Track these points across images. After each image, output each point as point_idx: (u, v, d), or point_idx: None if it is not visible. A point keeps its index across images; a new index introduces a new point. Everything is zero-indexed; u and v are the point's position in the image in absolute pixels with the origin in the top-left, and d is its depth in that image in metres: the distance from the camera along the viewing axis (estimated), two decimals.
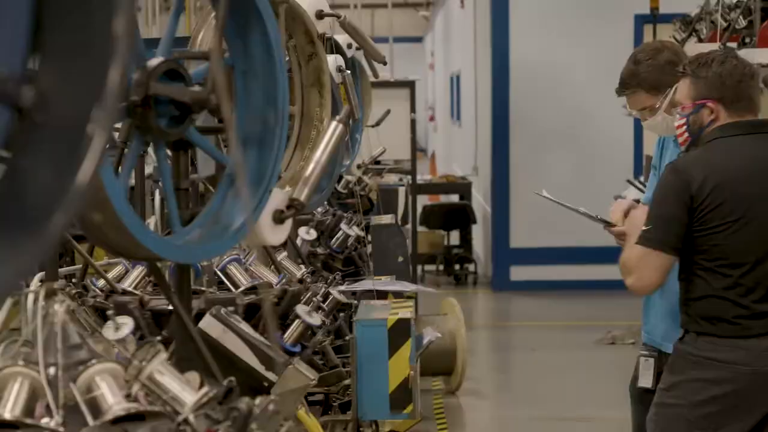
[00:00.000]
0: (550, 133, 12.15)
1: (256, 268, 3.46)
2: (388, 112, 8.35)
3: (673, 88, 4.07)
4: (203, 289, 3.25)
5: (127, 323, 2.79)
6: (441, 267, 13.21)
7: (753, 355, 3.61)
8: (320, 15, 3.73)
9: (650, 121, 4.28)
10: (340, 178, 7.30)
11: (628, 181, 8.90)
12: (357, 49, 6.92)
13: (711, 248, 3.66)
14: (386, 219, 5.65)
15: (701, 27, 9.22)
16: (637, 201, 4.41)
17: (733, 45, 8.17)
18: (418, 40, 29.38)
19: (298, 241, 5.36)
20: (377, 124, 8.10)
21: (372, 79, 7.13)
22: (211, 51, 2.24)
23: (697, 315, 3.70)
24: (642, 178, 10.31)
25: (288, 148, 3.68)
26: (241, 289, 3.32)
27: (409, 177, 9.55)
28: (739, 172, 3.67)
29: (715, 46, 8.35)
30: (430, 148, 25.35)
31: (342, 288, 4.16)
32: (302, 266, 4.48)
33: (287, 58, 3.76)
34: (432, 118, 26.35)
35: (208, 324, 2.95)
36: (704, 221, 3.65)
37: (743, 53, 7.63)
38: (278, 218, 2.43)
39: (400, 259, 5.47)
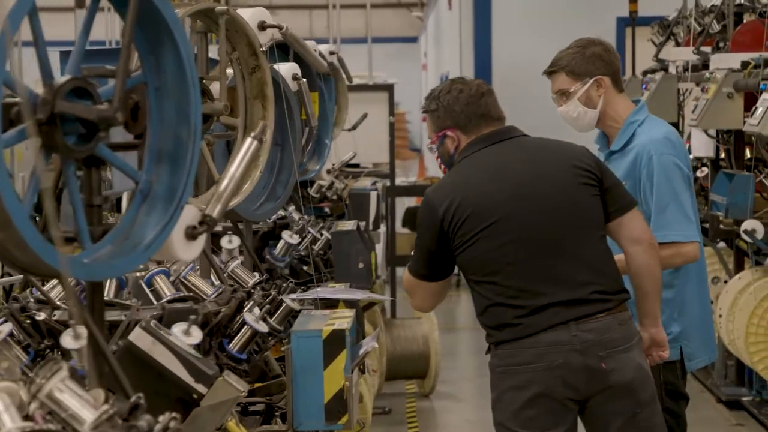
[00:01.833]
0: (532, 133, 12.14)
1: (190, 279, 3.48)
2: (364, 115, 8.36)
3: (592, 80, 4.30)
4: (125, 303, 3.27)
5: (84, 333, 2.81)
6: None
7: (542, 351, 3.67)
8: (262, 26, 3.73)
9: (563, 108, 4.41)
10: (312, 182, 7.32)
11: None
12: (331, 53, 6.96)
13: (471, 262, 3.76)
14: (348, 225, 5.64)
15: (678, 31, 9.24)
16: None
17: (708, 49, 8.20)
18: (414, 40, 29.41)
19: (280, 244, 5.35)
20: (353, 127, 8.11)
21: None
22: (117, 69, 2.25)
23: (487, 327, 3.79)
24: None
25: (231, 159, 3.69)
26: (163, 300, 3.34)
27: (386, 180, 9.55)
28: (481, 182, 3.79)
29: (690, 50, 8.39)
30: (424, 149, 25.37)
31: (293, 296, 4.17)
32: (256, 273, 4.51)
33: (230, 70, 3.77)
34: (425, 119, 26.34)
35: (138, 336, 2.97)
36: (458, 238, 3.75)
37: (716, 57, 7.66)
38: (190, 234, 2.45)
39: (361, 265, 5.46)
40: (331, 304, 4.25)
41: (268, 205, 4.65)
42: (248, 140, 2.55)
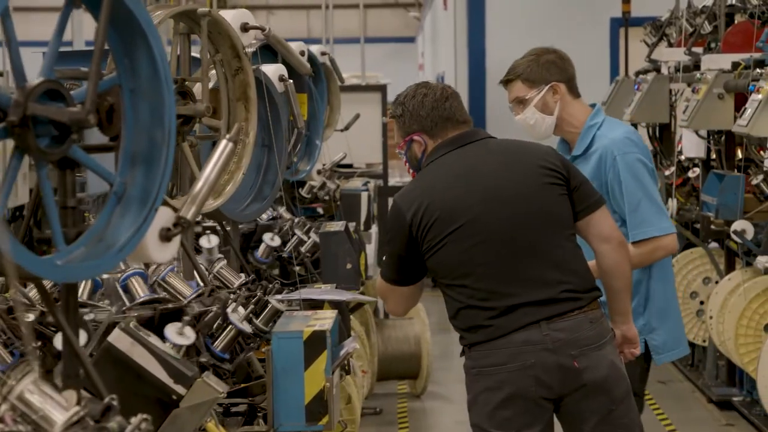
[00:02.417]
0: (525, 134, 12.17)
1: (170, 281, 3.48)
2: (357, 116, 8.37)
3: (547, 86, 4.37)
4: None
5: None
6: None
7: (514, 351, 3.69)
8: (245, 28, 3.73)
9: (520, 116, 4.48)
10: (304, 183, 7.33)
11: None
12: (323, 54, 6.97)
13: (440, 265, 3.79)
14: (336, 226, 5.65)
15: (671, 31, 9.24)
16: None
17: (699, 50, 8.20)
18: (411, 40, 29.43)
19: (262, 247, 5.37)
20: (346, 128, 8.13)
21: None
22: (89, 71, 2.26)
23: (460, 329, 3.83)
24: None
25: (207, 161, 3.69)
26: (136, 302, 3.35)
27: (377, 181, 9.57)
28: (448, 185, 3.80)
29: (682, 51, 8.39)
30: None
31: (279, 297, 4.18)
32: (242, 274, 4.51)
33: (213, 71, 3.78)
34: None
35: (117, 337, 2.97)
36: (427, 243, 3.78)
37: (707, 58, 7.66)
38: (165, 236, 2.45)
39: (349, 266, 5.47)
40: (317, 305, 4.27)
41: (255, 206, 4.66)
42: (223, 142, 2.56)
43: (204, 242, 4.77)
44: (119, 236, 2.39)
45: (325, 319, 3.51)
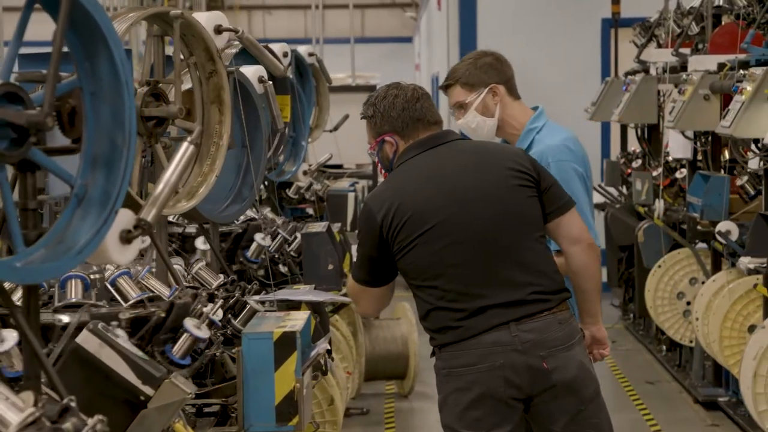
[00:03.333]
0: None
1: (148, 281, 3.49)
2: (346, 116, 8.39)
3: (486, 89, 4.38)
4: (88, 302, 3.29)
5: (10, 336, 2.83)
6: None
7: (484, 352, 3.71)
8: (219, 30, 3.74)
9: (461, 120, 4.49)
10: (291, 184, 7.34)
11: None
12: (310, 55, 6.99)
13: (411, 267, 3.81)
14: (318, 226, 5.66)
15: (660, 32, 9.25)
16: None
17: (687, 51, 8.21)
18: (409, 40, 29.41)
19: (253, 246, 5.37)
20: (335, 128, 8.14)
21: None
22: (47, 74, 2.27)
23: (430, 330, 3.84)
24: (603, 183, 10.34)
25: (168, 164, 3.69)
26: (130, 302, 3.35)
27: (367, 181, 9.57)
28: (419, 187, 3.81)
29: (669, 52, 8.41)
30: None
31: (257, 297, 4.19)
32: (222, 275, 4.52)
33: (187, 73, 3.78)
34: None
35: (85, 338, 2.99)
36: (398, 244, 3.80)
37: (694, 59, 7.68)
38: (125, 238, 2.47)
39: (330, 266, 5.49)
40: (295, 305, 4.28)
41: (234, 207, 4.66)
42: (184, 145, 2.57)
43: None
44: (79, 238, 2.41)
45: (296, 320, 3.52)
